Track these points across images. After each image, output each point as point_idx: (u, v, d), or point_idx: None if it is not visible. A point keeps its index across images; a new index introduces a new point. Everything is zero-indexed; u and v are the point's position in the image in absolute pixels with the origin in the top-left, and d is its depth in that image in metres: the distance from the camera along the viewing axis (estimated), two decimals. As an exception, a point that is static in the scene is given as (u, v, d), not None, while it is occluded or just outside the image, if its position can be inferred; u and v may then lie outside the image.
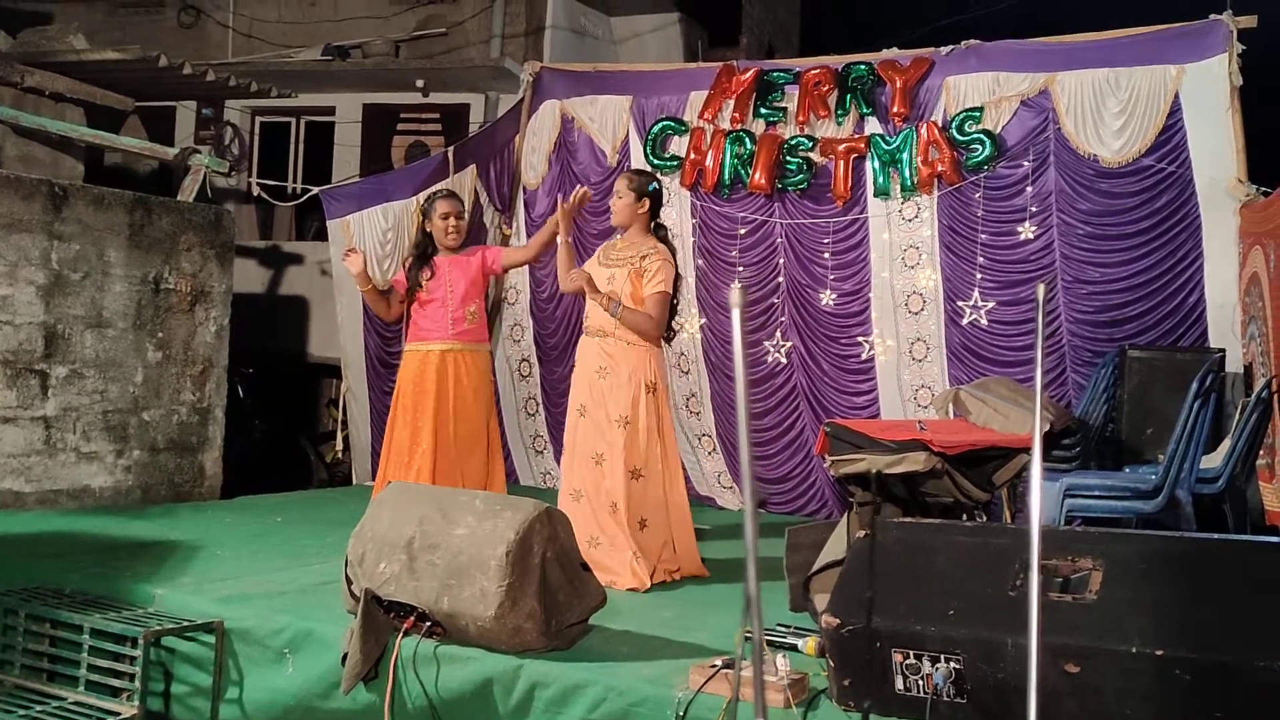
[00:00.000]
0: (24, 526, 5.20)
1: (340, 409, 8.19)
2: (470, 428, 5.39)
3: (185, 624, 3.85)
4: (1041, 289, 1.94)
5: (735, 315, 1.43)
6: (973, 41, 6.42)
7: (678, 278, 4.90)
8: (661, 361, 4.93)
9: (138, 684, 3.75)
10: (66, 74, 6.84)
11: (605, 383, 4.74)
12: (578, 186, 5.12)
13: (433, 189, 5.68)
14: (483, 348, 5.53)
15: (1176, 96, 5.89)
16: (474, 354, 5.45)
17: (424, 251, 5.44)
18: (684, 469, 6.03)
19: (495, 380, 5.82)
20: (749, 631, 3.32)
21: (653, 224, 4.94)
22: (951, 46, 6.46)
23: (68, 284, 5.90)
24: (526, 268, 7.62)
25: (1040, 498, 1.87)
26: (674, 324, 5.03)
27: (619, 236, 5.03)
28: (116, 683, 3.82)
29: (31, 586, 4.24)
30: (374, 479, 6.53)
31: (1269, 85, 6.41)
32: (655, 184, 4.98)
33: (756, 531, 1.53)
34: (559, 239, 5.03)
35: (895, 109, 6.49)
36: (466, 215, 5.62)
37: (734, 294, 1.44)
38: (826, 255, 6.73)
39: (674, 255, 4.93)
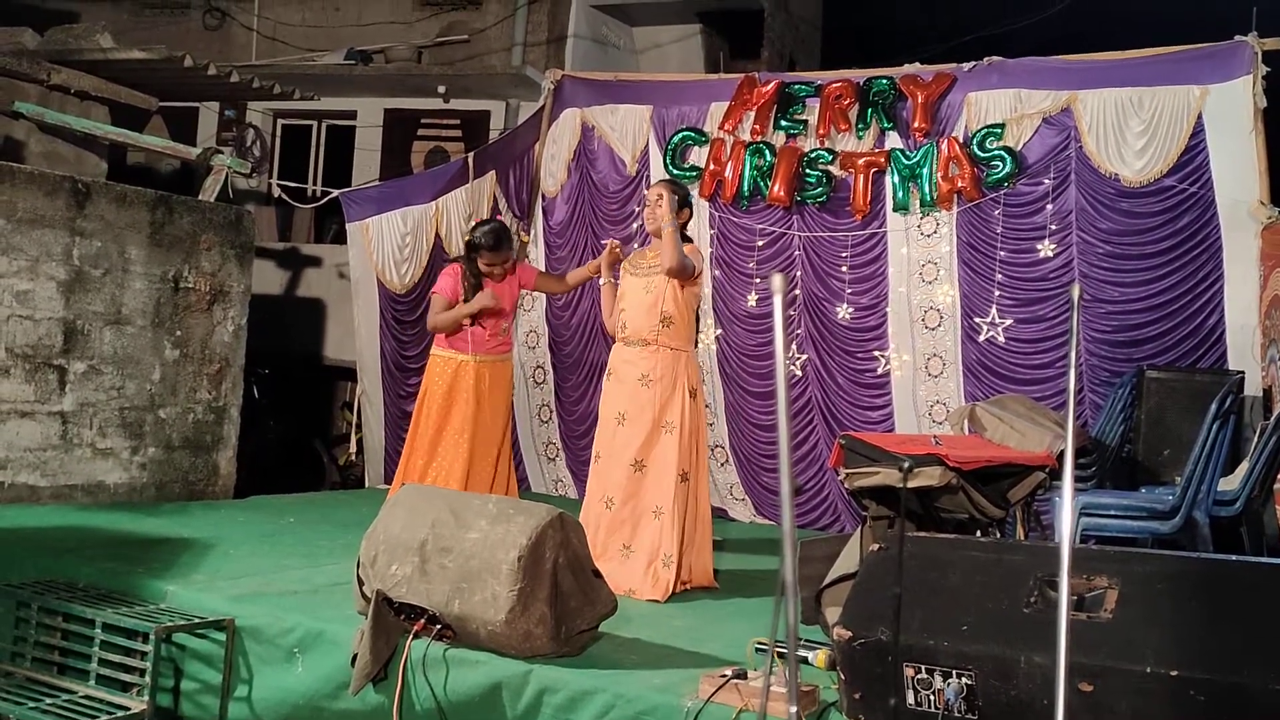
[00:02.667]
0: (38, 520, 5.22)
1: (355, 412, 8.20)
2: (492, 435, 5.50)
3: (196, 621, 3.86)
4: (1077, 289, 1.93)
5: (777, 301, 1.43)
6: (995, 58, 6.41)
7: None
8: (699, 368, 5.01)
9: (148, 679, 3.76)
10: (92, 72, 6.89)
11: (649, 391, 4.75)
12: (611, 241, 5.22)
13: (481, 222, 5.72)
14: (509, 356, 5.70)
15: (1199, 117, 5.86)
16: (503, 364, 5.59)
17: (475, 279, 5.44)
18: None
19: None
20: (760, 642, 3.31)
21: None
22: (974, 63, 6.45)
23: (88, 280, 5.93)
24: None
25: (1069, 515, 1.86)
26: (699, 330, 5.13)
27: (647, 246, 5.06)
28: (127, 678, 3.83)
29: (44, 580, 4.26)
30: (387, 481, 6.56)
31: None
32: (689, 193, 5.17)
33: (793, 520, 1.52)
34: (602, 282, 5.13)
35: (916, 124, 6.48)
36: (511, 258, 5.62)
37: (775, 281, 1.44)
38: (844, 269, 6.72)
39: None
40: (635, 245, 7.19)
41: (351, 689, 3.52)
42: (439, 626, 3.49)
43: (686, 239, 5.01)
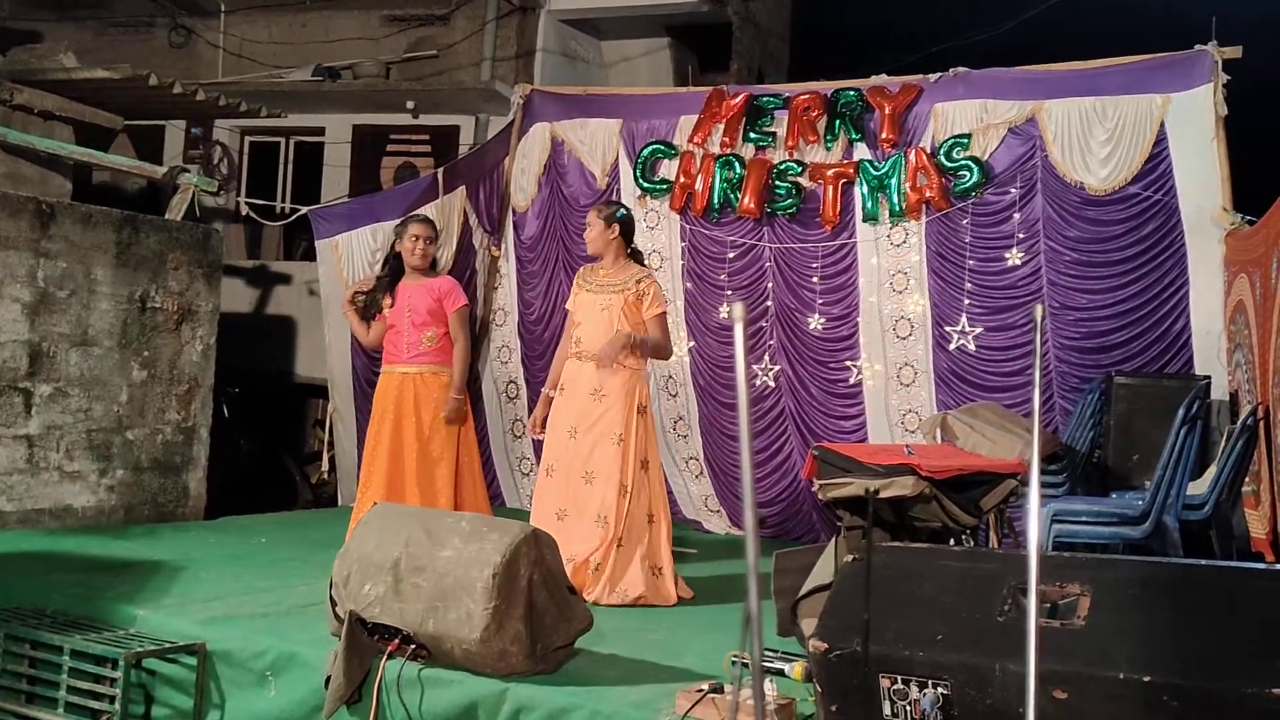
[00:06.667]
0: (5, 546, 5.14)
1: (327, 429, 8.14)
2: (431, 449, 5.37)
3: (167, 645, 3.81)
4: (1040, 309, 1.94)
5: (738, 330, 1.42)
6: (961, 69, 6.47)
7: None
8: (649, 387, 5.07)
9: (118, 706, 3.71)
10: (56, 92, 6.83)
11: (601, 405, 4.80)
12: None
13: (410, 213, 5.74)
14: (446, 368, 5.45)
15: (1162, 125, 5.94)
16: (435, 375, 5.41)
17: (391, 274, 5.49)
18: (670, 492, 6.04)
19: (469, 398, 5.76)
20: (736, 655, 3.31)
21: (629, 250, 5.07)
22: (940, 74, 6.51)
23: (53, 302, 5.87)
24: (515, 289, 7.63)
25: (1036, 521, 1.87)
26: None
27: (597, 263, 5.09)
28: (96, 705, 3.78)
29: (11, 607, 4.19)
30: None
31: (1253, 114, 6.47)
32: (624, 210, 5.12)
33: (758, 547, 1.51)
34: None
35: (884, 135, 6.52)
36: (437, 242, 5.75)
37: (736, 309, 1.44)
38: (815, 279, 6.74)
39: None
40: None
41: (325, 711, 3.48)
42: (413, 646, 3.47)
43: (640, 260, 5.09)
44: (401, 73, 9.59)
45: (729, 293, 6.95)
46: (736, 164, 6.86)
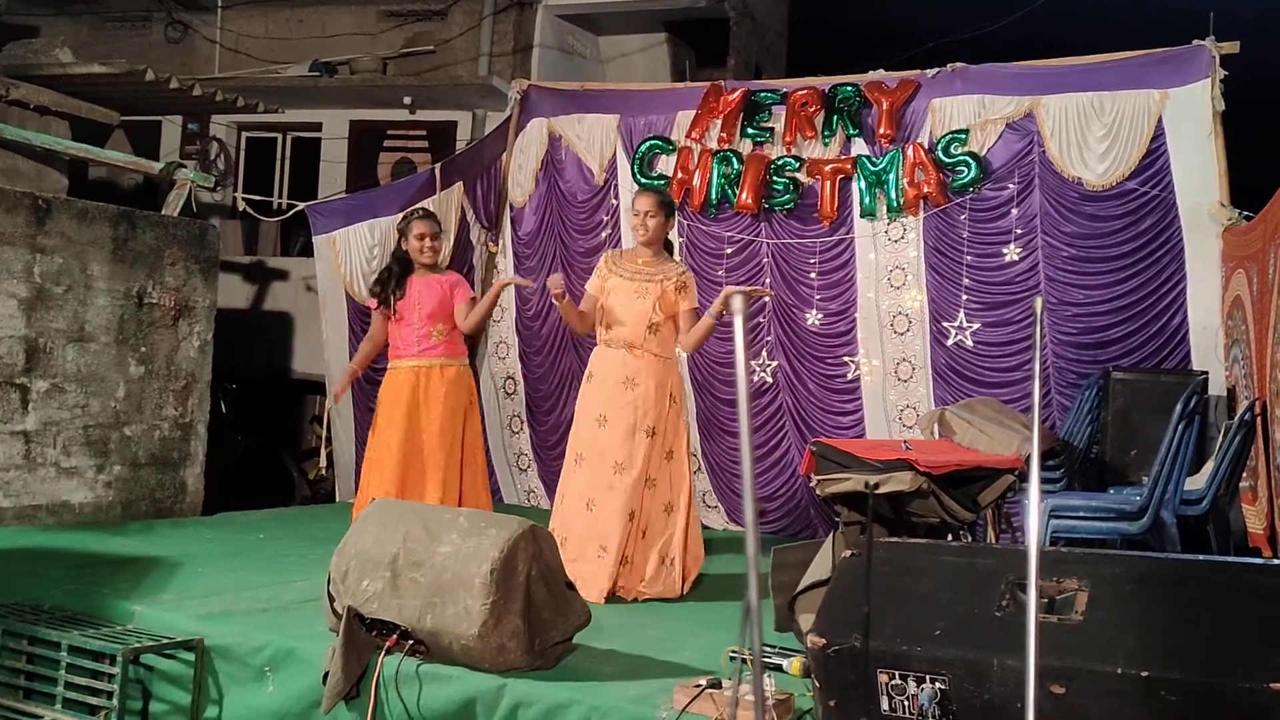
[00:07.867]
0: (2, 542, 5.14)
1: (324, 426, 8.13)
2: (439, 440, 5.36)
3: (165, 641, 3.81)
4: (1039, 301, 1.94)
5: (738, 322, 1.42)
6: (958, 64, 6.47)
7: None
8: (680, 376, 5.06)
9: (116, 702, 3.71)
10: (52, 87, 6.82)
11: (634, 393, 4.79)
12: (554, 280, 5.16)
13: (409, 209, 5.70)
14: (455, 361, 5.49)
15: (1160, 121, 5.94)
16: (445, 367, 5.43)
17: (401, 270, 5.49)
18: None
19: (477, 393, 5.79)
20: (734, 650, 3.31)
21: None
22: (937, 69, 6.51)
23: (50, 297, 5.86)
24: (512, 286, 7.62)
25: (1036, 517, 1.87)
26: None
27: (630, 249, 5.08)
28: (94, 700, 3.78)
29: (9, 603, 4.19)
30: (355, 497, 6.49)
31: (1251, 110, 6.47)
32: (674, 201, 5.19)
33: (758, 540, 1.51)
34: (556, 301, 4.88)
35: (881, 130, 6.52)
36: (443, 235, 5.78)
37: (736, 301, 1.44)
38: (813, 275, 6.74)
39: None
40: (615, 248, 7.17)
41: (324, 707, 3.48)
42: (411, 642, 3.47)
43: (671, 252, 5.10)
44: (398, 68, 9.57)
45: (727, 288, 6.94)
46: (734, 159, 6.85)
